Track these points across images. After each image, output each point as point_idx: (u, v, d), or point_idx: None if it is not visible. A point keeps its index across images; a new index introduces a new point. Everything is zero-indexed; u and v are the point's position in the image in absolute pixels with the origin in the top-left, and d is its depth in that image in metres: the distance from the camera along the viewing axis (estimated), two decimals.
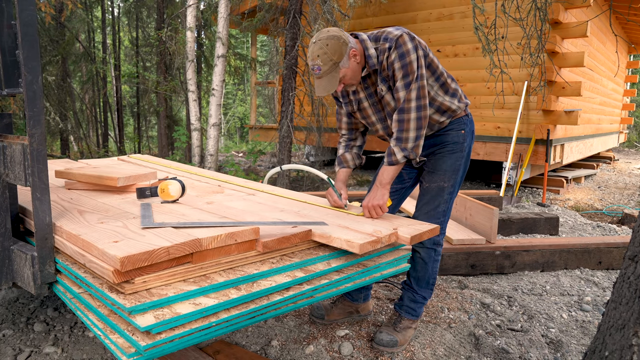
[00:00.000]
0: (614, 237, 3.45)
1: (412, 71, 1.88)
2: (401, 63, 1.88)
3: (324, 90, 1.91)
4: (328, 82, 1.90)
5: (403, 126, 1.92)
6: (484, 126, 6.22)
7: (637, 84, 15.57)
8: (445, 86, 2.07)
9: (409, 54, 1.88)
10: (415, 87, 1.89)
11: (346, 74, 1.91)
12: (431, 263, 2.18)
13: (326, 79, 1.89)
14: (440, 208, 2.14)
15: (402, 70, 1.89)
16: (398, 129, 1.93)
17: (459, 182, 2.17)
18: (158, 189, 2.03)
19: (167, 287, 1.36)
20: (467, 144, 2.16)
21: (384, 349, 2.12)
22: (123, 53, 14.89)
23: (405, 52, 1.88)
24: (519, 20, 4.85)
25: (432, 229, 1.91)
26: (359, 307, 2.41)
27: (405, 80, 1.89)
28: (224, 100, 20.01)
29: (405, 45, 1.88)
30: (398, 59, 1.88)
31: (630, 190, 7.17)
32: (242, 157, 11.21)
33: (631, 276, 1.36)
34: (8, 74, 1.61)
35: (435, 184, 2.13)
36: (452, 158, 2.12)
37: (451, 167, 2.12)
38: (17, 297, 2.54)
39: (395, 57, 1.89)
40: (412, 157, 1.94)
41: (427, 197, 2.15)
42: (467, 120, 2.16)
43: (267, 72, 11.76)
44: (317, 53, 1.86)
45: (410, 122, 1.90)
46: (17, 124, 8.03)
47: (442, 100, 2.07)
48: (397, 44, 1.88)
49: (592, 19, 5.86)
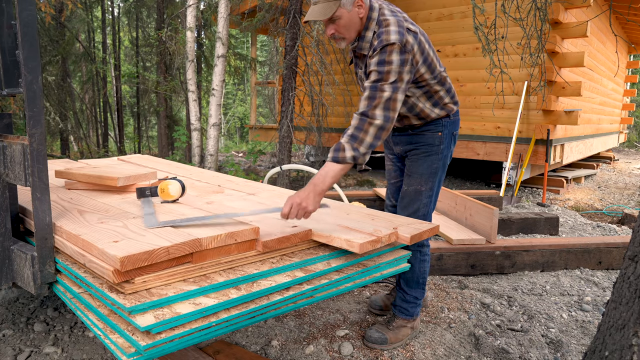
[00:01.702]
0: (614, 237, 3.45)
1: (387, 80, 1.79)
2: (378, 69, 1.81)
3: (313, 15, 1.84)
4: (321, 9, 1.83)
5: (363, 127, 1.78)
6: (484, 126, 6.22)
7: (637, 84, 15.57)
8: (429, 93, 2.03)
9: (389, 64, 1.79)
10: (386, 97, 1.79)
11: (342, 16, 1.85)
12: (417, 264, 2.18)
13: (321, 5, 1.83)
14: (420, 212, 2.13)
15: (376, 75, 1.81)
16: (357, 126, 1.79)
17: (438, 184, 2.15)
18: (158, 188, 2.03)
19: (167, 287, 1.36)
20: (445, 146, 2.11)
21: (373, 346, 2.13)
22: (123, 53, 14.90)
23: (387, 61, 1.80)
24: (519, 20, 4.85)
25: (431, 228, 1.91)
26: None
27: (374, 84, 1.81)
28: (224, 100, 20.02)
29: (391, 55, 1.79)
30: (377, 64, 1.81)
31: (630, 190, 7.17)
32: (242, 157, 11.21)
33: (631, 276, 1.36)
34: (8, 74, 1.61)
35: (412, 187, 2.12)
36: (428, 161, 2.10)
37: (427, 170, 2.10)
38: (17, 297, 2.54)
39: (375, 61, 1.82)
40: (360, 161, 1.79)
41: (406, 200, 2.15)
42: (447, 122, 2.11)
43: (267, 72, 11.76)
44: None
45: (371, 128, 1.78)
46: (17, 124, 8.03)
47: (423, 107, 2.05)
48: (383, 50, 1.80)
49: (592, 19, 5.86)
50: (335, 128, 7.65)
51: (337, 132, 7.67)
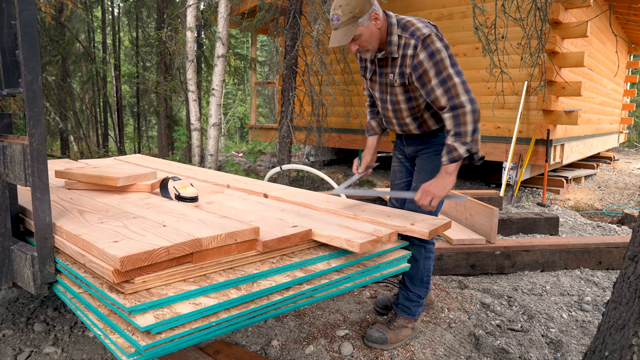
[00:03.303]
0: (614, 237, 3.45)
1: (446, 67, 1.87)
2: (432, 62, 1.87)
3: (336, 42, 1.90)
4: (343, 34, 1.89)
5: (459, 120, 1.86)
6: (484, 126, 6.22)
7: (637, 84, 15.57)
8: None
9: (439, 52, 1.87)
10: (458, 82, 1.86)
11: (363, 33, 1.90)
12: (422, 260, 2.19)
13: (342, 30, 1.89)
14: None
15: (434, 69, 1.87)
16: (454, 124, 1.87)
17: None
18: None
19: (167, 287, 1.36)
20: None
21: (373, 345, 2.14)
22: (123, 53, 14.90)
23: (435, 50, 1.87)
24: (519, 20, 4.85)
25: (445, 223, 1.94)
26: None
27: (439, 77, 1.87)
28: (224, 100, 20.02)
29: (434, 44, 1.87)
30: (428, 58, 1.87)
31: (630, 190, 7.17)
32: (242, 157, 11.21)
33: (631, 276, 1.37)
34: (8, 74, 1.61)
35: (420, 183, 2.15)
36: (439, 159, 2.12)
37: (437, 167, 2.11)
38: (17, 297, 2.54)
39: (425, 57, 1.88)
40: (474, 150, 1.87)
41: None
42: None
43: (267, 72, 11.76)
44: (340, 3, 1.87)
45: (467, 116, 1.85)
46: (17, 124, 8.02)
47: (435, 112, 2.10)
48: (425, 44, 1.87)
49: (592, 19, 5.86)
50: (335, 128, 7.65)
51: (337, 132, 7.66)
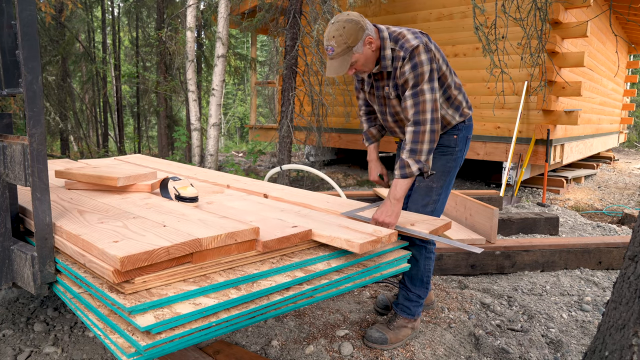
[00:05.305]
0: (614, 237, 3.45)
1: (423, 81, 1.90)
2: (414, 73, 1.91)
3: (334, 72, 1.94)
4: (339, 64, 1.92)
5: (418, 138, 1.91)
6: (484, 126, 6.22)
7: (637, 84, 15.57)
8: (450, 99, 2.11)
9: (421, 65, 1.90)
10: (429, 99, 1.90)
11: (359, 59, 1.94)
12: (422, 260, 2.19)
13: (338, 60, 1.92)
14: (428, 208, 2.16)
15: (413, 80, 1.91)
16: (412, 140, 1.92)
17: (449, 185, 2.19)
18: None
19: (167, 287, 1.36)
20: (459, 149, 2.18)
21: (373, 345, 2.14)
22: (123, 53, 14.90)
23: (418, 62, 1.90)
24: (519, 20, 4.85)
25: (446, 223, 1.95)
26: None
27: (414, 90, 1.92)
28: (224, 100, 20.02)
29: (420, 56, 1.90)
30: (411, 70, 1.91)
31: (630, 190, 7.17)
32: (242, 157, 11.21)
33: (631, 276, 1.37)
34: (8, 74, 1.61)
35: (424, 183, 2.17)
36: (443, 160, 2.15)
37: (441, 167, 2.14)
38: (17, 297, 2.54)
39: (408, 68, 1.92)
40: (425, 170, 1.94)
41: (416, 195, 2.19)
42: (462, 126, 2.18)
43: (267, 72, 11.76)
44: (333, 34, 1.89)
45: (425, 135, 1.90)
46: (17, 124, 8.02)
47: (445, 114, 2.11)
48: (412, 55, 1.90)
49: (592, 19, 5.85)
50: (335, 128, 7.65)
51: (337, 132, 7.66)
